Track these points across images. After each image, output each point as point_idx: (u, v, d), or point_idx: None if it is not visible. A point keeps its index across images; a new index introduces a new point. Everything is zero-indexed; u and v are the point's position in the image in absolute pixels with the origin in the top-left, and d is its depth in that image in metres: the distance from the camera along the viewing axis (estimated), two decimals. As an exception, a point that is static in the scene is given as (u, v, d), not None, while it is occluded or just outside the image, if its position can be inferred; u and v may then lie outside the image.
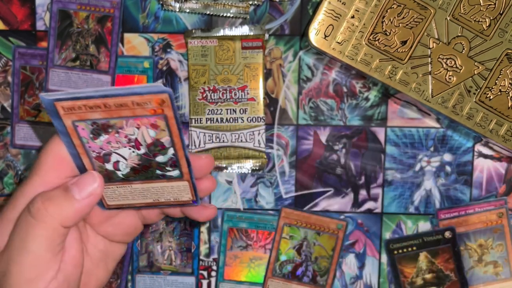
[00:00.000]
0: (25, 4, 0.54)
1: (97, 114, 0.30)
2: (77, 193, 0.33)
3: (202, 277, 0.56)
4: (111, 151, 0.33)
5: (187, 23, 0.54)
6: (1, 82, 0.55)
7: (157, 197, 0.37)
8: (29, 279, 0.33)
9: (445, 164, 0.55)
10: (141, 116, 0.31)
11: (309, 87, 0.54)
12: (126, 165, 0.34)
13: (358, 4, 0.48)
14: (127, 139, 0.32)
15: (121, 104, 0.30)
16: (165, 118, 0.31)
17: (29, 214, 0.33)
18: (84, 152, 0.33)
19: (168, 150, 0.33)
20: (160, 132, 0.32)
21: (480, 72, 0.48)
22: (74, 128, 0.31)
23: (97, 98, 0.29)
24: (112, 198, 0.36)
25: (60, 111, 0.30)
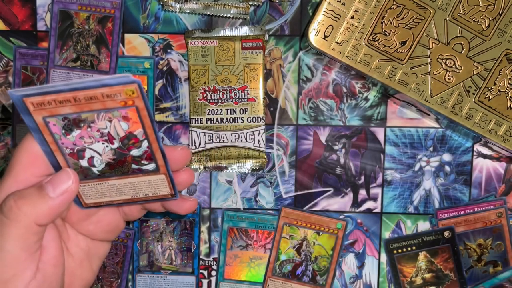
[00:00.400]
0: (26, 5, 0.54)
1: (67, 108, 0.30)
2: (51, 191, 0.32)
3: (202, 276, 0.56)
4: (85, 146, 0.32)
5: (188, 24, 0.54)
6: (2, 82, 0.55)
7: (135, 193, 0.36)
8: (6, 280, 0.32)
9: (445, 164, 0.55)
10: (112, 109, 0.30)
11: (309, 87, 0.55)
12: (101, 160, 0.33)
13: (357, 4, 0.48)
14: (100, 133, 0.32)
15: (91, 97, 0.29)
16: (137, 109, 0.30)
17: (2, 213, 0.32)
18: (57, 149, 0.32)
19: (142, 143, 0.33)
20: (132, 124, 0.31)
21: (479, 72, 0.48)
22: (45, 124, 0.31)
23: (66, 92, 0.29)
24: (89, 196, 0.36)
25: (29, 107, 0.30)
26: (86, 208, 0.36)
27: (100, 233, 0.38)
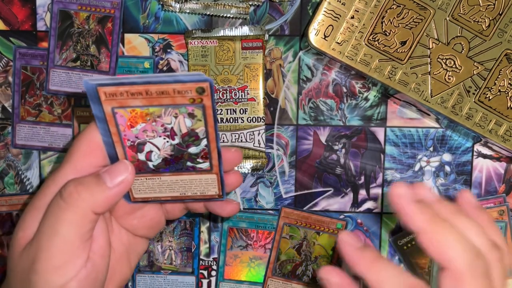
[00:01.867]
0: (26, 5, 0.54)
1: (138, 101, 0.30)
2: (109, 180, 0.33)
3: (202, 276, 0.56)
4: (146, 140, 0.33)
5: (187, 24, 0.54)
6: (2, 82, 0.55)
7: (184, 191, 0.37)
8: (57, 266, 0.32)
9: (445, 164, 0.55)
10: (180, 105, 0.31)
11: (308, 87, 0.55)
12: (159, 155, 0.34)
13: (357, 4, 0.48)
14: (164, 128, 0.32)
15: (163, 92, 0.30)
16: (203, 107, 0.31)
17: (61, 198, 0.32)
18: (118, 141, 0.33)
19: (201, 141, 0.33)
20: (196, 122, 0.32)
21: (479, 72, 0.48)
22: (113, 114, 0.31)
23: (140, 85, 0.29)
24: (139, 190, 0.36)
25: (101, 97, 0.30)
26: (133, 202, 0.37)
27: (142, 228, 0.39)
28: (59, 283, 0.32)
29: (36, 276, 0.32)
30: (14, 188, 0.56)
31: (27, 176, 0.56)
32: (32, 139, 0.55)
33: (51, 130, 0.55)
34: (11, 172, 0.56)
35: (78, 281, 0.33)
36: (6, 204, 0.56)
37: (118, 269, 0.38)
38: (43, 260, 0.32)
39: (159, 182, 0.36)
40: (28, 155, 0.56)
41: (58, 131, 0.55)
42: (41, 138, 0.55)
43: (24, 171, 0.56)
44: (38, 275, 0.32)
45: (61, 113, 0.55)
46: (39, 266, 0.32)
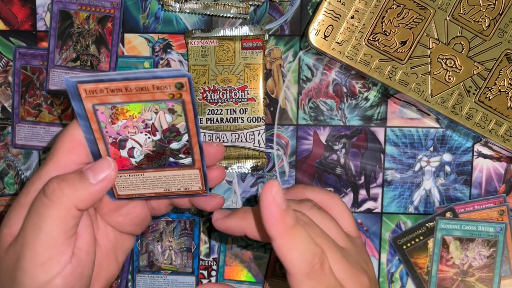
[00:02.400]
0: (26, 5, 0.54)
1: (118, 97, 0.30)
2: (92, 177, 0.33)
3: (202, 276, 0.56)
4: (128, 136, 0.33)
5: (187, 24, 0.54)
6: (1, 82, 0.55)
7: (167, 187, 0.37)
8: (42, 262, 0.32)
9: (445, 164, 0.55)
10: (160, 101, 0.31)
11: (309, 87, 0.55)
12: (141, 152, 0.34)
13: (357, 4, 0.48)
14: (144, 124, 0.32)
15: (142, 88, 0.30)
16: (183, 103, 0.31)
17: (44, 195, 0.33)
18: (100, 138, 0.33)
19: (182, 136, 0.33)
20: (176, 117, 0.32)
21: (479, 72, 0.48)
22: (93, 111, 0.31)
23: (119, 81, 0.29)
24: (123, 187, 0.36)
25: (82, 94, 0.30)
26: (117, 199, 0.37)
27: (128, 225, 0.39)
28: (44, 279, 0.32)
29: (22, 272, 0.32)
30: (14, 188, 0.56)
31: (27, 176, 0.56)
32: (32, 139, 0.55)
33: (51, 130, 0.55)
34: (11, 172, 0.56)
35: (63, 277, 0.33)
36: (6, 204, 0.56)
37: (105, 266, 0.38)
38: (28, 256, 0.32)
39: (142, 179, 0.36)
40: (28, 155, 0.56)
41: (58, 131, 0.55)
42: (41, 138, 0.55)
43: (24, 171, 0.56)
44: (24, 272, 0.32)
45: (61, 113, 0.55)
46: (24, 263, 0.32)
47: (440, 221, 0.54)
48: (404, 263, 0.55)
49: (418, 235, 0.55)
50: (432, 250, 0.55)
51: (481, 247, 0.54)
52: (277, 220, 0.32)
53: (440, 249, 0.55)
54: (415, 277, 0.55)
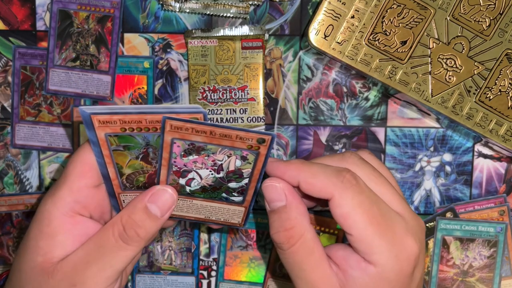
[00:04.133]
0: (25, 4, 0.54)
1: (199, 137, 0.32)
2: (159, 212, 0.35)
3: (202, 277, 0.56)
4: (193, 169, 0.34)
5: (187, 23, 0.54)
6: (1, 82, 0.55)
7: (210, 215, 0.38)
8: None
9: (445, 164, 0.55)
10: (237, 148, 0.32)
11: (309, 87, 0.55)
12: (199, 183, 0.35)
13: (358, 4, 0.48)
14: (214, 163, 0.33)
15: (226, 135, 0.31)
16: (257, 154, 0.32)
17: (122, 240, 0.35)
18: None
19: (243, 180, 0.35)
20: (245, 164, 0.33)
21: (480, 72, 0.48)
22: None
23: (207, 126, 0.31)
24: None
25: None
26: None
27: None
28: None
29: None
30: (14, 188, 0.56)
31: (26, 176, 0.56)
32: (31, 139, 0.55)
33: (50, 130, 0.55)
34: (11, 172, 0.56)
35: None
36: (6, 204, 0.56)
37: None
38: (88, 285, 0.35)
39: (190, 204, 0.37)
40: (28, 155, 0.55)
41: (57, 131, 0.55)
42: (41, 138, 0.55)
43: (24, 171, 0.56)
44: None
45: (60, 113, 0.55)
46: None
47: (440, 221, 0.54)
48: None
49: (418, 235, 0.55)
50: (432, 250, 0.55)
51: (481, 247, 0.54)
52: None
53: (441, 249, 0.54)
54: None
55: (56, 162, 0.55)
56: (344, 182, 0.33)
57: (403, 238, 0.34)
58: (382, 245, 0.33)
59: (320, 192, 0.34)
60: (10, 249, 0.56)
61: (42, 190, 0.56)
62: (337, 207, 0.33)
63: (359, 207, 0.33)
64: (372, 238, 0.33)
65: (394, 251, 0.33)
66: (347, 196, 0.33)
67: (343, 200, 0.33)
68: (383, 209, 0.34)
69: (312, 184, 0.34)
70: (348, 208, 0.33)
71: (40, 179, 0.56)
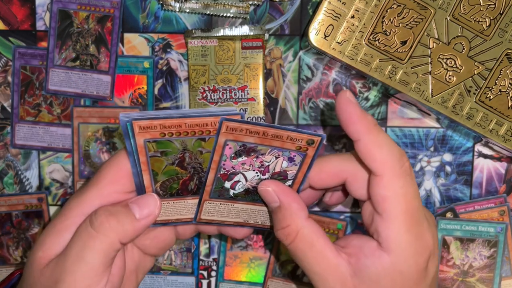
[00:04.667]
0: (25, 4, 0.54)
1: (252, 138, 0.32)
2: (138, 212, 0.34)
3: (202, 277, 0.56)
4: (240, 171, 0.34)
5: (187, 23, 0.54)
6: (1, 82, 0.55)
7: (248, 218, 0.38)
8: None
9: (445, 164, 0.55)
10: (286, 149, 0.32)
11: (309, 87, 0.54)
12: (243, 185, 0.35)
13: (358, 4, 0.48)
14: (261, 164, 0.34)
15: (277, 136, 0.31)
16: (305, 156, 0.33)
17: (91, 226, 0.34)
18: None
19: (287, 181, 0.35)
20: (292, 165, 0.34)
21: (480, 72, 0.48)
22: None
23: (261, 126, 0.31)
24: (208, 212, 0.37)
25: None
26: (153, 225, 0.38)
27: (153, 248, 0.40)
28: None
29: None
30: (14, 188, 0.56)
31: (26, 176, 0.56)
32: (31, 139, 0.55)
33: (50, 130, 0.55)
34: (11, 172, 0.56)
35: None
36: (6, 204, 0.56)
37: (127, 286, 0.39)
38: (67, 282, 0.34)
39: (230, 208, 0.37)
40: (28, 155, 0.55)
41: (57, 131, 0.55)
42: (41, 138, 0.55)
43: (24, 171, 0.56)
44: None
45: (60, 113, 0.55)
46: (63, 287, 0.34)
47: (440, 221, 0.54)
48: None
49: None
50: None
51: (481, 247, 0.54)
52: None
53: (441, 249, 0.54)
54: None
55: (56, 162, 0.55)
56: (403, 168, 0.33)
57: (424, 234, 0.34)
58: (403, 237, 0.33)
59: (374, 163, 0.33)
60: (10, 249, 0.56)
61: (42, 190, 0.56)
62: (383, 188, 0.33)
63: (403, 197, 0.33)
64: (399, 228, 0.33)
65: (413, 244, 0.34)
66: (398, 182, 0.33)
67: (392, 184, 0.33)
68: (419, 205, 0.34)
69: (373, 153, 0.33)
70: (393, 193, 0.33)
71: (40, 179, 0.56)
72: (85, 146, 0.55)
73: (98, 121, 0.54)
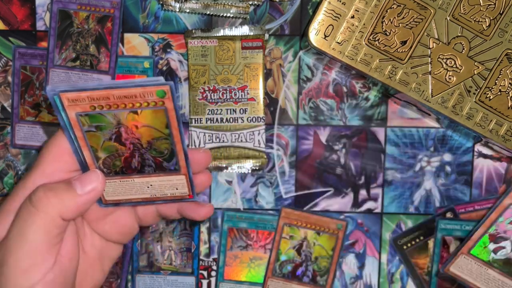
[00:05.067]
0: (25, 4, 0.54)
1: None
2: (79, 188, 0.34)
3: (202, 277, 0.56)
4: None
5: (187, 23, 0.54)
6: (1, 82, 0.55)
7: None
8: (24, 269, 0.33)
9: (445, 164, 0.55)
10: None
11: (309, 87, 0.54)
12: None
13: (358, 4, 0.48)
14: None
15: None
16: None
17: (30, 203, 0.33)
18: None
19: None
20: None
21: (480, 72, 0.48)
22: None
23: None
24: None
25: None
26: (105, 205, 0.37)
27: (114, 234, 0.39)
28: (25, 285, 0.33)
29: (4, 278, 0.33)
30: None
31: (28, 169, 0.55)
32: (31, 139, 0.55)
33: (50, 130, 0.55)
34: (11, 172, 0.56)
35: (45, 284, 0.33)
36: (6, 204, 0.56)
37: (90, 273, 0.38)
38: (10, 263, 0.33)
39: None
40: (28, 155, 0.55)
41: (57, 131, 0.55)
42: (41, 138, 0.55)
43: (24, 171, 0.56)
44: (6, 278, 0.33)
45: (60, 113, 0.55)
46: (7, 269, 0.33)
47: (440, 222, 0.54)
48: (404, 263, 0.55)
49: (418, 235, 0.55)
50: (432, 250, 0.55)
51: (481, 247, 0.54)
52: None
53: (441, 249, 0.54)
54: (415, 277, 0.55)
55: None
56: None
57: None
58: None
59: None
60: (10, 249, 0.56)
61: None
62: None
63: None
64: None
65: None
66: None
67: None
68: None
69: None
70: None
71: (40, 179, 0.56)
72: (85, 146, 0.55)
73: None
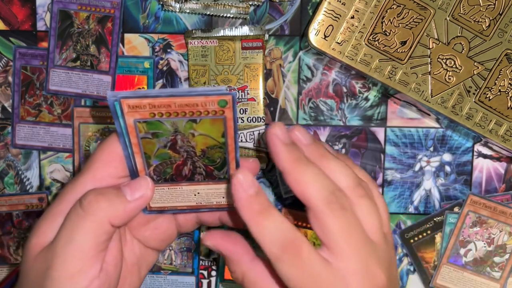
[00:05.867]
0: (26, 5, 0.54)
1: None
2: (129, 194, 0.33)
3: (202, 276, 0.56)
4: None
5: (187, 24, 0.54)
6: (1, 82, 0.55)
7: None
8: (71, 274, 0.32)
9: (445, 164, 0.55)
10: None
11: (309, 87, 0.55)
12: None
13: (357, 4, 0.48)
14: None
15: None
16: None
17: (80, 207, 0.33)
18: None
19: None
20: None
21: (479, 72, 0.48)
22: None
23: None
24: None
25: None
26: (149, 212, 0.37)
27: (154, 240, 0.39)
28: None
29: (51, 282, 0.32)
30: (14, 188, 0.56)
31: (27, 176, 0.56)
32: (32, 139, 0.55)
33: (51, 130, 0.55)
34: (11, 172, 0.56)
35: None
36: (6, 204, 0.56)
37: (128, 279, 0.38)
38: (58, 266, 0.32)
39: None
40: (28, 155, 0.56)
41: (58, 131, 0.55)
42: (41, 138, 0.55)
43: (24, 171, 0.56)
44: (52, 282, 0.32)
45: (61, 113, 0.55)
46: (54, 273, 0.32)
47: (449, 215, 0.54)
48: (411, 257, 0.55)
49: (425, 229, 0.55)
50: (440, 244, 0.55)
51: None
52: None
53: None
54: (421, 272, 0.55)
55: (57, 162, 0.55)
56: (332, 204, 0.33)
57: (374, 270, 0.33)
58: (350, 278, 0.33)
59: (302, 199, 0.33)
60: (10, 249, 0.56)
61: (42, 190, 0.56)
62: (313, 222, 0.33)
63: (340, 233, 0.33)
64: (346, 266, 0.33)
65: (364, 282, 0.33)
66: (327, 218, 0.33)
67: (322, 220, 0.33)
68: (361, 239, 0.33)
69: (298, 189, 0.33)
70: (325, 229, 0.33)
71: (40, 179, 0.56)
72: (86, 146, 0.55)
73: (98, 121, 0.54)
